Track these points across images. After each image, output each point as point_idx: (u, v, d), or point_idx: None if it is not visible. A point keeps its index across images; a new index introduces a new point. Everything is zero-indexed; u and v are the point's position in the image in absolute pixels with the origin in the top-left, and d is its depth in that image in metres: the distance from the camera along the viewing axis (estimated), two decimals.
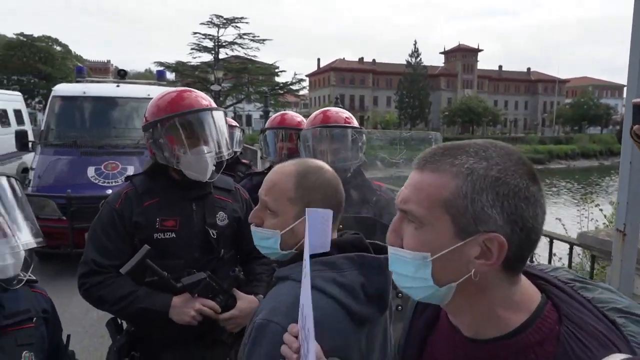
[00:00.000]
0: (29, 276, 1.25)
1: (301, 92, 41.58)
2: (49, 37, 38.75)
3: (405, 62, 60.45)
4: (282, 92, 35.93)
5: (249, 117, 48.52)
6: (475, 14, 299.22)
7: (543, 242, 3.62)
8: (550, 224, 5.15)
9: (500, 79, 76.22)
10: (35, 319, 1.21)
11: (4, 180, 1.13)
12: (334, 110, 2.41)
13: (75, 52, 43.39)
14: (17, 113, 9.29)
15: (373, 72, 69.17)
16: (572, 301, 0.75)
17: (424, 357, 0.88)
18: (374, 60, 73.27)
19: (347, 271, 1.05)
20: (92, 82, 7.20)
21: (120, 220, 1.69)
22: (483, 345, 0.76)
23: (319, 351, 0.90)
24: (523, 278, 0.77)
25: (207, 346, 1.74)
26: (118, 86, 6.71)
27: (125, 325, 1.82)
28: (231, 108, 35.55)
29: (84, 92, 6.34)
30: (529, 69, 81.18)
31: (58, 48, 39.33)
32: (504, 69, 79.68)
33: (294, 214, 1.14)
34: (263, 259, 1.92)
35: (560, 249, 3.66)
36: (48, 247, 5.00)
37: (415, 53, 59.78)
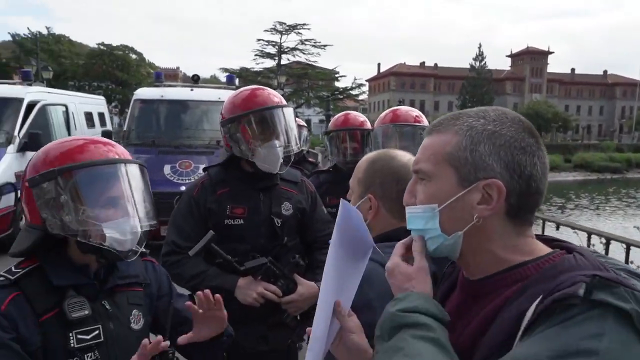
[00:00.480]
0: (143, 250, 1.43)
1: (360, 97, 41.61)
2: (126, 46, 41.45)
3: (468, 66, 58.73)
4: (341, 97, 36.17)
5: (308, 122, 49.32)
6: (545, 15, 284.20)
7: (619, 249, 3.45)
8: (628, 233, 4.85)
9: (572, 83, 71.89)
10: (143, 284, 1.38)
11: (136, 167, 1.30)
12: (404, 109, 2.48)
13: (148, 60, 46.12)
14: (101, 115, 10.15)
15: (435, 77, 67.83)
16: (586, 252, 0.78)
17: None
18: (435, 64, 71.79)
19: None
20: (168, 86, 7.73)
21: (197, 207, 1.87)
22: (484, 281, 0.80)
23: (354, 325, 0.95)
24: (537, 240, 0.81)
25: (271, 327, 1.86)
26: (192, 90, 7.16)
27: None
28: None
29: (162, 96, 6.83)
30: (605, 71, 75.88)
31: (133, 56, 42.01)
32: (576, 72, 75.10)
33: (359, 194, 1.27)
34: (325, 248, 2.03)
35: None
36: None
37: (480, 56, 57.90)
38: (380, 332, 0.78)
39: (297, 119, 3.49)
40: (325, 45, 36.94)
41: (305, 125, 3.80)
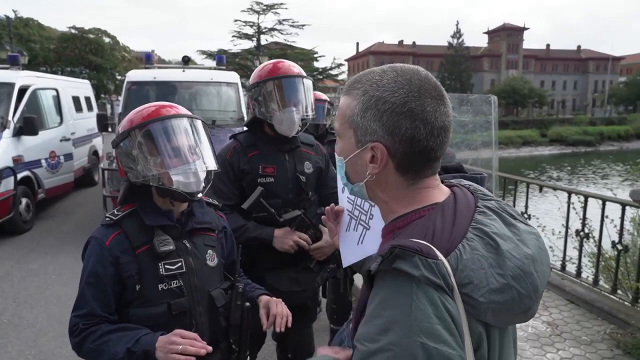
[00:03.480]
0: (212, 200, 1.67)
1: (340, 77, 41.52)
2: (99, 29, 40.06)
3: (446, 44, 59.03)
4: (321, 77, 36.06)
5: None
6: None
7: (595, 206, 3.82)
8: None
9: (547, 58, 72.98)
10: (216, 231, 1.61)
11: (199, 122, 1.52)
12: None
13: (122, 43, 44.78)
14: (87, 100, 10.06)
15: (413, 55, 67.87)
16: (459, 198, 0.88)
17: None
18: (414, 42, 71.91)
19: None
20: (159, 68, 7.76)
21: (231, 168, 2.09)
22: (384, 228, 0.94)
23: None
24: (436, 186, 0.90)
25: (300, 271, 2.14)
26: (184, 71, 7.21)
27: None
28: None
29: (154, 77, 6.85)
30: (579, 46, 77.20)
31: (107, 39, 40.74)
32: (552, 47, 76.23)
33: None
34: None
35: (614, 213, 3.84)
36: None
37: (457, 34, 58.16)
38: None
39: (318, 92, 3.64)
40: (303, 25, 36.58)
41: (328, 99, 3.84)
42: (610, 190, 5.60)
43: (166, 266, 1.43)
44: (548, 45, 76.09)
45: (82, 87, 10.09)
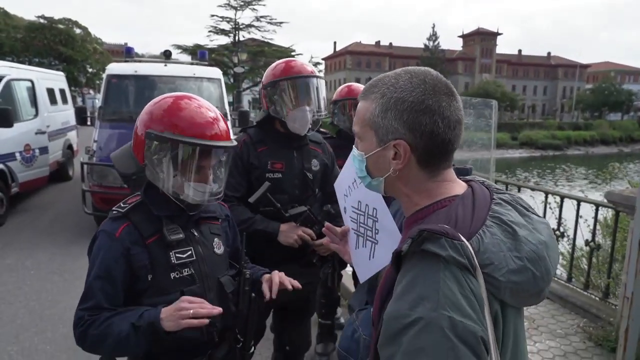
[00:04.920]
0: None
1: None
2: (69, 20, 38.87)
3: (422, 46, 59.89)
4: None
5: None
6: None
7: (570, 206, 4.00)
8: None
9: (519, 64, 75.09)
10: (220, 219, 1.65)
11: (227, 148, 1.49)
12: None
13: (94, 35, 43.53)
14: (62, 92, 9.77)
15: (390, 56, 68.65)
16: (476, 193, 0.93)
17: None
18: (390, 43, 72.69)
19: None
20: (139, 61, 7.65)
21: (241, 161, 2.13)
22: (406, 220, 1.01)
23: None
24: (454, 180, 0.97)
25: (303, 266, 2.18)
26: (166, 65, 7.11)
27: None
28: (248, 90, 35.89)
29: (136, 71, 6.75)
30: (549, 53, 79.76)
31: (78, 30, 39.59)
32: (523, 53, 78.41)
33: None
34: None
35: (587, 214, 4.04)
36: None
37: (433, 36, 59.19)
38: None
39: None
40: (281, 22, 36.48)
41: None
42: (582, 192, 5.85)
43: (177, 255, 1.45)
44: (520, 51, 78.32)
45: (57, 80, 9.79)
